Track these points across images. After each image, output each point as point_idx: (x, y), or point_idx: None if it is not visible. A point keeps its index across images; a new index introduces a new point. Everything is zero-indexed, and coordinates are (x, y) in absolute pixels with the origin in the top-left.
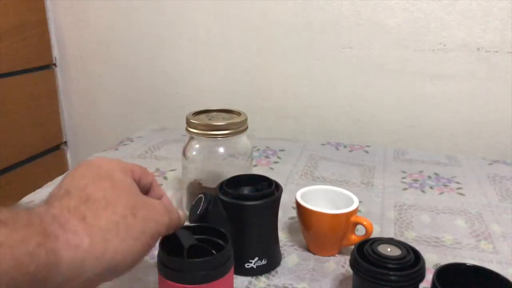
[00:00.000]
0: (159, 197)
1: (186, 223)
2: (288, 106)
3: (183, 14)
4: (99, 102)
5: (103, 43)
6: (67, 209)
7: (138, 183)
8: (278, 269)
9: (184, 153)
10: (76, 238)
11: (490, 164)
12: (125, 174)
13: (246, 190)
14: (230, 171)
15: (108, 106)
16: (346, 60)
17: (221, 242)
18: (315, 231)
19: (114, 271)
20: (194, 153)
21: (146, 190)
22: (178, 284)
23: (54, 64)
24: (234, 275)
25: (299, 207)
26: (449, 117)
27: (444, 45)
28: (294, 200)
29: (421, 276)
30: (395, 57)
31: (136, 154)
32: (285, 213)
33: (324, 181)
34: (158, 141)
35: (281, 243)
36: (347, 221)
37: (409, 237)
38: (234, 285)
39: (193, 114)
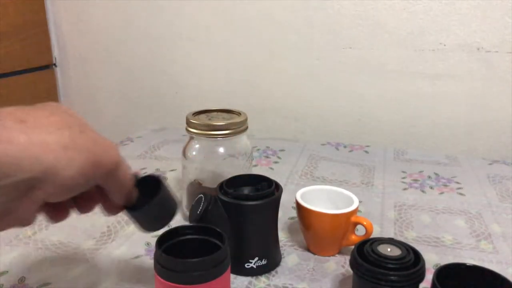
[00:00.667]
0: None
1: (186, 223)
2: (288, 106)
3: (183, 14)
4: (99, 102)
5: (103, 43)
6: (6, 112)
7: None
8: (278, 269)
9: (184, 153)
10: (8, 134)
11: (490, 164)
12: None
13: (246, 190)
14: (230, 171)
15: (108, 106)
16: (346, 60)
17: (218, 242)
18: (315, 231)
19: (54, 177)
20: (194, 153)
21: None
22: (174, 284)
23: (54, 64)
24: (234, 275)
25: (299, 207)
26: (449, 117)
27: (444, 45)
28: (294, 200)
29: (421, 276)
30: (395, 57)
31: (136, 154)
32: (285, 213)
33: (324, 181)
34: (158, 141)
35: (281, 243)
36: (347, 221)
37: (409, 237)
38: (234, 285)
39: (193, 114)
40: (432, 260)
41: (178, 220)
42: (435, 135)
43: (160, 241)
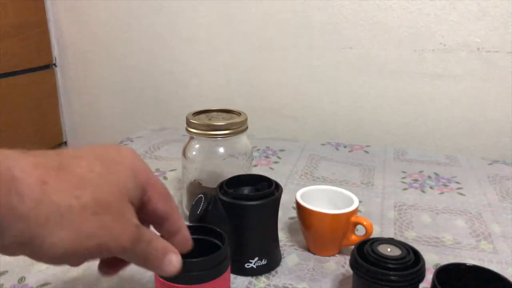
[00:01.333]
0: (175, 231)
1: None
2: (288, 106)
3: (183, 14)
4: (99, 102)
5: (103, 43)
6: (34, 165)
7: (147, 201)
8: (278, 269)
9: (184, 153)
10: (16, 201)
11: (490, 164)
12: (133, 175)
13: (246, 190)
14: (230, 171)
15: (108, 106)
16: (346, 60)
17: (218, 242)
18: (315, 231)
19: (34, 250)
20: (194, 153)
21: (159, 219)
22: (174, 284)
23: (54, 64)
24: (234, 275)
25: (299, 207)
26: (449, 117)
27: (444, 45)
28: (294, 200)
29: (421, 276)
30: (395, 57)
31: None
32: (285, 213)
33: (324, 181)
34: (158, 141)
35: (281, 243)
36: (347, 221)
37: (409, 237)
38: (234, 285)
39: (193, 114)
40: (432, 260)
41: None
42: (435, 135)
43: None
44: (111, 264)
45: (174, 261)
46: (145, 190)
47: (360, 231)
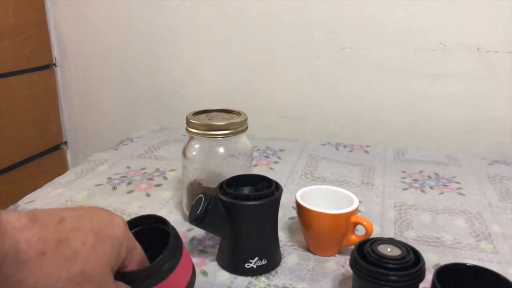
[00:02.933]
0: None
1: (186, 223)
2: (288, 106)
3: (183, 14)
4: (99, 102)
5: (103, 43)
6: (38, 237)
7: (123, 266)
8: (278, 269)
9: (184, 153)
10: (18, 269)
11: (490, 164)
12: (118, 249)
13: (246, 190)
14: (230, 171)
15: (108, 106)
16: (346, 60)
17: (166, 228)
18: (315, 231)
19: None
20: (194, 153)
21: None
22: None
23: (54, 64)
24: (234, 275)
25: (299, 207)
26: (449, 117)
27: (444, 45)
28: (294, 200)
29: (421, 276)
30: (395, 57)
31: (136, 154)
32: (285, 213)
33: (324, 181)
34: (158, 141)
35: (281, 243)
36: (347, 221)
37: (409, 237)
38: (234, 285)
39: (193, 114)
40: (432, 260)
41: (179, 220)
42: (435, 135)
43: None
44: None
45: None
46: (125, 259)
47: (360, 231)
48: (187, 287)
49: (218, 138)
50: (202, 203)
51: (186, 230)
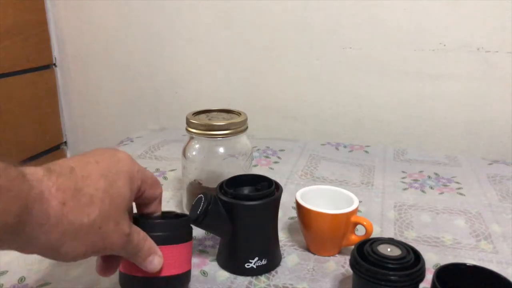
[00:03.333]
0: (150, 203)
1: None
2: (288, 106)
3: (183, 14)
4: (99, 102)
5: (103, 43)
6: (56, 187)
7: (141, 194)
8: (278, 269)
9: (184, 153)
10: (44, 219)
11: (490, 164)
12: (129, 183)
13: (246, 190)
14: (230, 171)
15: (108, 106)
16: (346, 60)
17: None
18: (315, 231)
19: (53, 255)
20: (194, 153)
21: (146, 202)
22: None
23: (54, 64)
24: (234, 275)
25: (299, 207)
26: (449, 117)
27: (444, 45)
28: (294, 200)
29: (421, 276)
30: (395, 57)
31: (136, 154)
32: (285, 213)
33: (324, 181)
34: (158, 141)
35: (281, 243)
36: (347, 221)
37: (409, 237)
38: (234, 285)
39: (193, 114)
40: (432, 260)
41: None
42: (435, 135)
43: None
44: (108, 265)
45: (155, 262)
46: (139, 188)
47: (360, 231)
48: (180, 276)
49: (218, 138)
50: (202, 203)
51: None
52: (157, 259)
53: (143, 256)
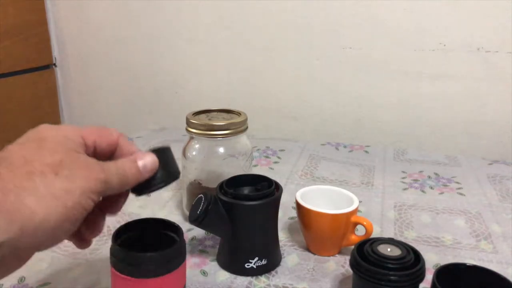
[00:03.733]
0: (130, 154)
1: (186, 223)
2: (288, 106)
3: (183, 14)
4: (99, 102)
5: (103, 43)
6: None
7: (94, 147)
8: (278, 269)
9: (184, 153)
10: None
11: (490, 164)
12: (65, 137)
13: (246, 190)
14: (230, 171)
15: (108, 106)
16: (346, 60)
17: (174, 236)
18: (315, 231)
19: (34, 233)
20: (194, 153)
21: (109, 151)
22: (128, 277)
23: (54, 64)
24: (234, 275)
25: (299, 207)
26: (449, 117)
27: (444, 45)
28: (294, 200)
29: (421, 276)
30: (395, 57)
31: None
32: (285, 213)
33: (324, 181)
34: (158, 141)
35: (281, 243)
36: (347, 221)
37: (409, 237)
38: (234, 285)
39: (193, 114)
40: (432, 260)
41: (178, 220)
42: (435, 135)
43: (117, 234)
44: (81, 238)
45: (147, 162)
46: (83, 137)
47: (360, 231)
48: None
49: (218, 138)
50: (202, 203)
51: (186, 230)
52: (147, 158)
53: (133, 171)
